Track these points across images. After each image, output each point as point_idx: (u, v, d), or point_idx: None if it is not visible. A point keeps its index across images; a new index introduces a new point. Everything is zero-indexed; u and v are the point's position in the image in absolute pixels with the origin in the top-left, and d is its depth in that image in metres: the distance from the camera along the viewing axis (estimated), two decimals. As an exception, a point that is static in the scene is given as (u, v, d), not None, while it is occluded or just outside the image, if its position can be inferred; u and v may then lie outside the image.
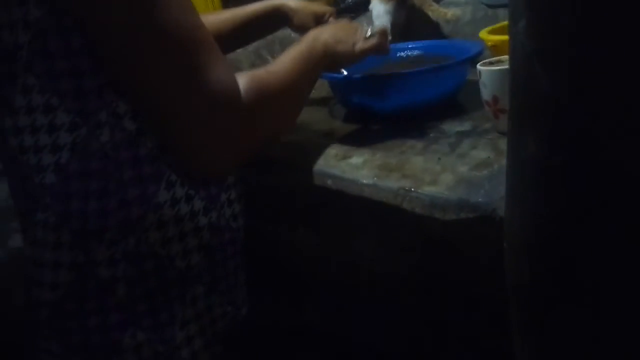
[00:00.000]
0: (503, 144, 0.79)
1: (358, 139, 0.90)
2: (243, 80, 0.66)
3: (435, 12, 1.20)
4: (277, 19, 1.09)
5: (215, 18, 1.08)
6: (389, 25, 1.00)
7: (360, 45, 0.88)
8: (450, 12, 1.19)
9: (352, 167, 0.78)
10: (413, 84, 0.96)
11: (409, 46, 1.15)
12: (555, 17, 0.46)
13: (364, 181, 0.73)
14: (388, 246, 0.76)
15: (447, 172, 0.71)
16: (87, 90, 0.61)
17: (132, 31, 0.59)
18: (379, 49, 0.90)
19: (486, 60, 0.85)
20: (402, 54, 1.14)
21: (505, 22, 0.96)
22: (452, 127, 0.90)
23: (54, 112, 0.61)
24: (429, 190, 0.68)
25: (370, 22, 1.23)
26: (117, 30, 0.59)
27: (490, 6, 1.19)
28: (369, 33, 0.90)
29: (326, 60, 0.83)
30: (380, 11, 1.22)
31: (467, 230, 0.65)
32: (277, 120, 0.74)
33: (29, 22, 0.59)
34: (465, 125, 0.90)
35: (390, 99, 0.98)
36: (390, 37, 0.93)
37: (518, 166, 0.55)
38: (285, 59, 0.77)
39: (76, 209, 0.63)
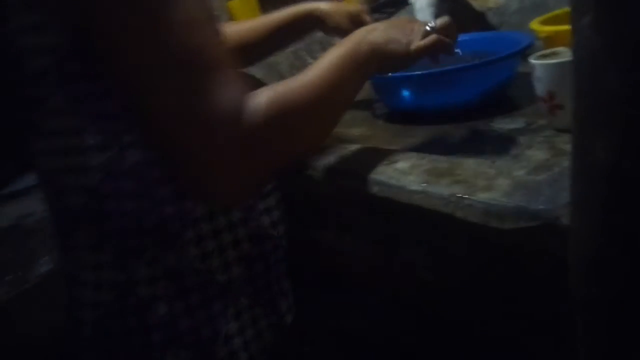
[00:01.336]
0: (561, 142, 0.74)
1: (404, 141, 0.86)
2: (256, 102, 0.59)
3: (479, 1, 1.14)
4: (309, 24, 1.04)
5: (244, 27, 1.05)
6: (443, 19, 0.80)
7: (416, 43, 0.76)
8: (494, 0, 1.14)
9: (399, 172, 0.74)
10: (460, 81, 0.92)
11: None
12: (628, 10, 0.41)
13: (413, 188, 0.69)
14: (438, 256, 0.72)
15: (502, 177, 0.66)
16: (112, 111, 0.59)
17: (132, 51, 0.56)
18: (440, 47, 0.77)
19: (539, 53, 0.80)
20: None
21: (559, 11, 0.91)
22: (504, 124, 0.85)
23: (82, 134, 0.60)
24: (483, 196, 0.63)
25: (415, 17, 1.18)
26: (118, 49, 0.56)
27: (539, -6, 1.13)
28: (428, 28, 0.77)
29: (375, 63, 0.73)
30: (422, 4, 1.17)
31: (527, 240, 0.60)
32: (299, 142, 0.66)
33: (52, 47, 0.58)
34: (517, 123, 0.85)
35: (436, 97, 0.93)
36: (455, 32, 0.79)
37: (585, 172, 0.50)
38: (321, 66, 0.68)
39: (113, 229, 0.62)
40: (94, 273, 0.64)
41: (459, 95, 0.92)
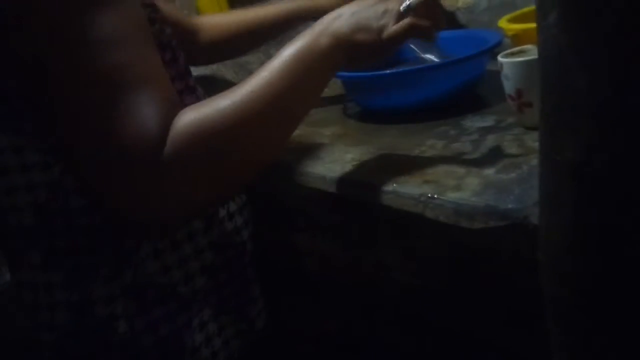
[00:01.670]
0: (530, 140, 0.74)
1: (376, 141, 0.85)
2: (176, 127, 0.52)
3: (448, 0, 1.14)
4: (309, 19, 0.99)
5: (240, 16, 1.02)
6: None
7: (389, 30, 0.64)
8: (462, 0, 1.14)
9: (369, 172, 0.73)
10: (429, 79, 0.91)
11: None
12: (593, 9, 0.41)
13: (383, 188, 0.68)
14: (411, 257, 0.71)
15: (472, 176, 0.65)
16: (50, 130, 0.56)
17: (54, 69, 0.52)
18: (419, 32, 0.65)
19: (507, 51, 0.80)
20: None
21: (526, 9, 0.91)
22: (474, 122, 0.85)
23: (22, 152, 0.57)
24: (453, 196, 0.62)
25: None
26: (41, 67, 0.52)
27: (507, -8, 1.12)
28: (403, 7, 0.65)
29: (340, 58, 0.62)
30: None
31: (497, 240, 0.60)
32: (232, 165, 0.56)
33: None
34: (487, 121, 0.84)
35: (406, 96, 0.92)
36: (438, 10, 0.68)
37: (553, 170, 0.50)
38: (267, 71, 0.58)
39: (64, 247, 0.60)
40: (47, 294, 0.62)
41: (428, 94, 0.91)
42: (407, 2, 0.66)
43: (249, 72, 0.87)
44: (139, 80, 0.52)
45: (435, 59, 0.97)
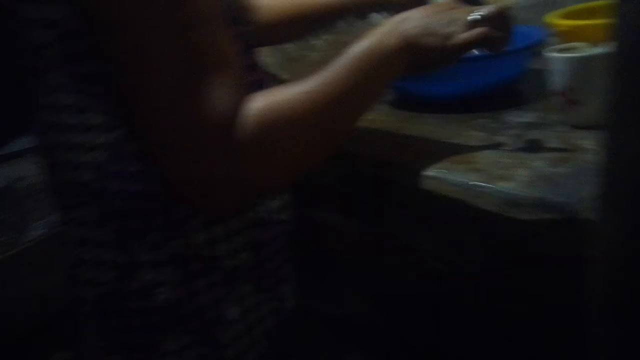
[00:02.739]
0: (576, 137, 0.72)
1: (414, 128, 0.83)
2: (248, 112, 0.53)
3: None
4: (373, 7, 0.92)
5: (289, 2, 0.96)
6: (494, 6, 0.67)
7: (458, 37, 0.63)
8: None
9: (412, 157, 0.72)
10: (473, 72, 0.89)
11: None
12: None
13: (427, 173, 0.67)
14: (452, 243, 0.70)
15: (521, 167, 0.64)
16: (117, 94, 0.55)
17: (135, 40, 0.51)
18: (488, 42, 0.64)
19: (556, 47, 0.78)
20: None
21: (575, 7, 0.88)
22: (515, 117, 0.83)
23: (86, 112, 0.56)
24: (501, 185, 0.61)
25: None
26: (123, 36, 0.52)
27: (553, -9, 1.10)
28: (474, 17, 0.64)
29: (405, 60, 0.62)
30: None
31: (545, 232, 0.58)
32: (297, 155, 0.58)
33: (55, 21, 0.54)
34: (529, 116, 0.83)
35: (447, 86, 0.91)
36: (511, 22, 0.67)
37: (618, 166, 0.48)
38: (336, 66, 0.58)
39: (117, 209, 0.59)
40: (95, 251, 0.61)
41: (470, 86, 0.89)
42: (478, 13, 0.64)
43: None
44: (216, 62, 0.52)
45: (476, 52, 0.96)
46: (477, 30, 0.63)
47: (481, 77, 0.90)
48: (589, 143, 0.70)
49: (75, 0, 0.53)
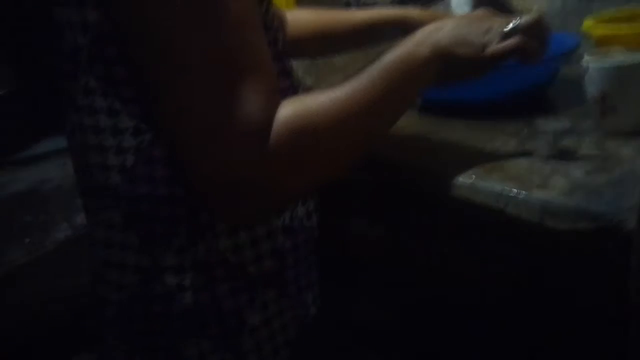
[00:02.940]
0: (613, 146, 0.70)
1: (443, 134, 0.82)
2: (286, 113, 0.53)
3: (521, 4, 1.10)
4: (396, 30, 0.90)
5: (325, 16, 0.96)
6: (532, 15, 0.66)
7: (493, 47, 0.62)
8: (536, 7, 1.09)
9: (443, 164, 0.70)
10: (503, 77, 0.87)
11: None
12: None
13: (460, 180, 0.65)
14: (483, 254, 0.68)
15: (558, 175, 0.62)
16: (148, 97, 0.55)
17: (168, 42, 0.51)
18: (524, 52, 0.63)
19: (593, 53, 0.76)
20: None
21: (612, 13, 0.86)
22: (547, 124, 0.81)
23: (117, 116, 0.57)
24: (539, 194, 0.59)
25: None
26: (156, 38, 0.52)
27: (585, -4, 1.08)
28: (510, 27, 0.62)
29: (436, 69, 0.61)
30: (460, -1, 1.12)
31: (584, 243, 0.56)
32: (328, 162, 0.57)
33: (88, 24, 0.54)
34: (562, 123, 0.80)
35: (476, 92, 0.89)
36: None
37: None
38: (367, 74, 0.58)
39: (143, 213, 0.59)
40: (120, 254, 0.61)
41: (501, 91, 0.87)
42: (514, 22, 0.63)
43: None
44: (250, 67, 0.52)
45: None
46: (513, 41, 0.62)
47: (513, 83, 0.88)
48: (625, 151, 0.68)
49: (107, 5, 0.53)
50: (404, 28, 0.86)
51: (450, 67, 0.62)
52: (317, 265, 0.73)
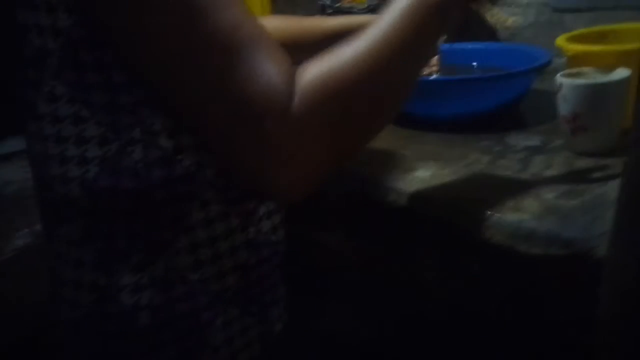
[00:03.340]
0: (583, 166, 0.70)
1: (417, 148, 0.80)
2: (308, 74, 0.51)
3: (495, 17, 1.09)
4: None
5: (294, 23, 0.93)
6: None
7: None
8: (511, 20, 1.09)
9: (419, 181, 0.69)
10: (477, 91, 0.87)
11: (471, 47, 1.05)
12: None
13: (435, 199, 0.64)
14: (453, 273, 0.67)
15: (530, 197, 0.61)
16: (120, 105, 0.53)
17: (162, 36, 0.49)
18: None
19: (566, 72, 0.76)
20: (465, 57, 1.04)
21: (584, 30, 0.86)
22: (519, 141, 0.81)
23: (83, 124, 0.54)
24: (512, 217, 0.58)
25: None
26: (148, 37, 0.50)
27: (558, 10, 1.08)
28: None
29: (446, 10, 0.56)
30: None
31: (555, 269, 0.55)
32: (364, 119, 0.54)
33: (59, 29, 0.51)
34: (533, 140, 0.80)
35: (451, 106, 0.88)
36: None
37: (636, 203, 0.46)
38: (382, 22, 0.54)
39: (101, 228, 0.56)
40: (75, 271, 0.58)
41: (474, 106, 0.87)
42: None
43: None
44: (252, 39, 0.50)
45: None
46: None
47: (485, 98, 0.87)
48: (596, 173, 0.68)
49: (82, 10, 0.50)
50: None
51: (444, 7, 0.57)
52: (283, 280, 0.71)
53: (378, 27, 0.54)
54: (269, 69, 0.49)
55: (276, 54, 0.51)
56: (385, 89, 0.54)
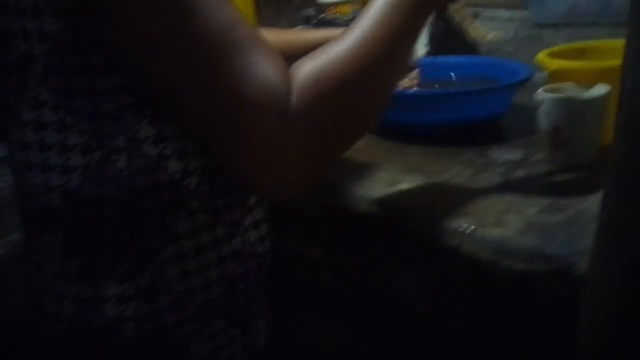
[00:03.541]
0: (564, 181, 0.71)
1: (400, 160, 0.81)
2: (302, 72, 0.52)
3: (476, 31, 1.10)
4: None
5: (280, 36, 0.94)
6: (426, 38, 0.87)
7: None
8: (492, 34, 1.10)
9: (402, 194, 0.69)
10: (458, 104, 0.87)
11: (453, 60, 1.05)
12: None
13: (417, 211, 0.64)
14: (437, 287, 0.67)
15: (512, 212, 0.61)
16: (104, 112, 0.52)
17: (158, 41, 0.49)
18: None
19: (547, 87, 0.76)
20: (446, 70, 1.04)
21: (565, 46, 0.87)
22: (501, 154, 0.81)
23: (67, 131, 0.53)
24: (494, 232, 0.58)
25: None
26: (143, 42, 0.49)
27: (538, 25, 1.09)
28: None
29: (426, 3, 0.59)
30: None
31: (537, 284, 0.56)
32: (357, 112, 0.55)
33: (46, 34, 0.50)
34: (514, 154, 0.81)
35: (432, 117, 0.89)
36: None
37: (624, 224, 0.46)
38: (367, 17, 0.56)
39: (85, 239, 0.55)
40: (58, 283, 0.57)
41: (456, 119, 0.87)
42: None
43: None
44: (248, 38, 0.50)
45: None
46: None
47: (467, 111, 0.88)
48: (576, 187, 0.68)
49: (71, 14, 0.49)
50: None
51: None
52: (269, 291, 0.70)
53: (363, 22, 0.55)
54: (266, 67, 0.50)
55: (271, 53, 0.51)
56: (374, 82, 0.55)
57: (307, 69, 0.52)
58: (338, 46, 0.54)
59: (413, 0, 0.56)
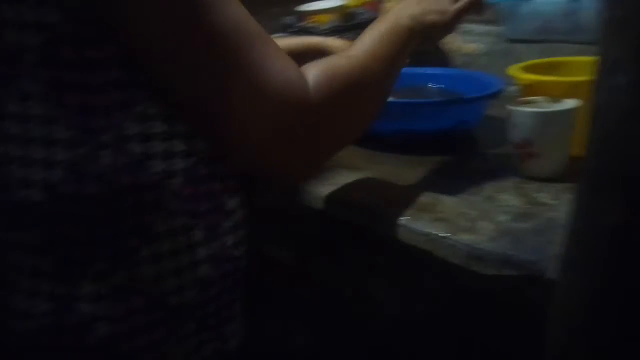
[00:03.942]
0: (532, 191, 0.72)
1: (376, 168, 0.81)
2: (313, 71, 0.56)
3: (451, 44, 1.12)
4: (312, 58, 0.96)
5: None
6: None
7: (452, 9, 0.73)
8: (468, 47, 1.12)
9: (375, 199, 0.70)
10: (438, 114, 0.89)
11: (430, 72, 1.07)
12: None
13: (394, 219, 0.65)
14: (410, 292, 0.68)
15: (484, 220, 0.63)
16: (93, 107, 0.52)
17: (180, 34, 0.50)
18: (474, 7, 0.75)
19: (517, 100, 0.78)
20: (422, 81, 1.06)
21: (537, 61, 0.89)
22: (474, 164, 0.83)
23: (50, 125, 0.52)
24: (466, 238, 0.59)
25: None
26: (163, 36, 0.50)
27: (511, 40, 1.12)
28: None
29: (416, 37, 0.69)
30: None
31: (508, 289, 0.57)
32: (358, 115, 0.63)
33: (44, 25, 0.50)
34: (487, 164, 0.83)
35: (407, 127, 0.90)
36: None
37: (591, 234, 0.47)
38: (365, 42, 0.64)
39: (63, 235, 0.54)
40: (31, 280, 0.56)
41: (432, 128, 0.89)
42: None
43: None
44: (260, 32, 0.53)
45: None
46: (465, 0, 0.73)
47: (441, 121, 0.89)
48: (545, 197, 0.70)
49: (76, 6, 0.49)
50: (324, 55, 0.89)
51: (425, 32, 0.71)
52: (242, 296, 0.70)
53: (366, 41, 0.64)
54: (281, 59, 0.53)
55: (280, 49, 0.54)
56: (376, 87, 0.64)
57: (318, 69, 0.56)
58: (350, 53, 0.62)
59: (398, 40, 0.66)
